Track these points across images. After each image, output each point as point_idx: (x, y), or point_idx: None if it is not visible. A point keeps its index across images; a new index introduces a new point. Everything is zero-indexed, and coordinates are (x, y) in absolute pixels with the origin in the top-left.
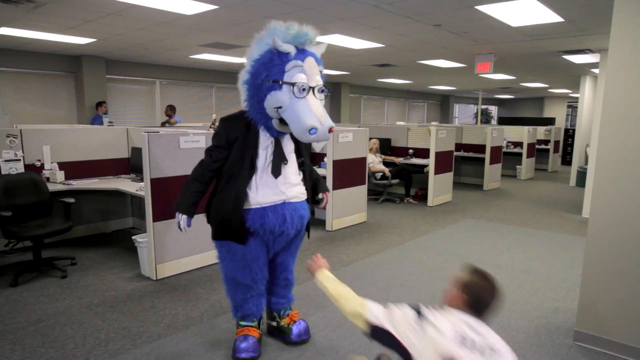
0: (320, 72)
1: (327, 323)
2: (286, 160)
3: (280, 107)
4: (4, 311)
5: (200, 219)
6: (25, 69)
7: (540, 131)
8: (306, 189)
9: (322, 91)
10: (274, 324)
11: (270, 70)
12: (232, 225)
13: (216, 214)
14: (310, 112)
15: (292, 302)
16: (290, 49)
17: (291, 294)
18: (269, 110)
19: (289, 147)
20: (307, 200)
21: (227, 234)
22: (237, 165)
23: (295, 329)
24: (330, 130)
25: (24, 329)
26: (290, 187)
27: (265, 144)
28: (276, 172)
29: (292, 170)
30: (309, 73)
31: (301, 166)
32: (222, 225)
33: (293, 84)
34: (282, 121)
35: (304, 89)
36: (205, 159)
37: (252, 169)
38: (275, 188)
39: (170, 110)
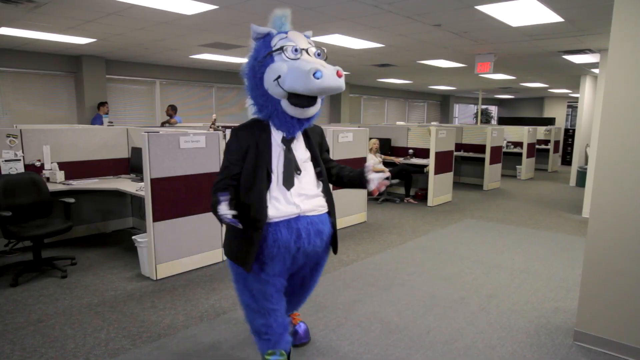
0: (309, 43)
1: (327, 323)
2: (299, 170)
3: (279, 77)
4: (4, 311)
5: (201, 219)
6: (25, 69)
7: (540, 131)
8: (328, 202)
9: (319, 54)
10: None
11: (259, 54)
12: (249, 239)
13: (233, 230)
14: (307, 63)
15: (293, 311)
16: (271, 29)
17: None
18: (271, 90)
19: (303, 156)
20: (329, 213)
21: (238, 252)
22: (252, 178)
23: (295, 333)
24: (338, 74)
25: (24, 329)
26: (305, 199)
27: (276, 151)
28: (288, 183)
29: (308, 180)
30: (295, 39)
31: (320, 176)
32: (238, 241)
33: (282, 48)
34: (290, 101)
35: (295, 50)
36: (218, 178)
37: (268, 180)
38: (287, 201)
39: (172, 110)
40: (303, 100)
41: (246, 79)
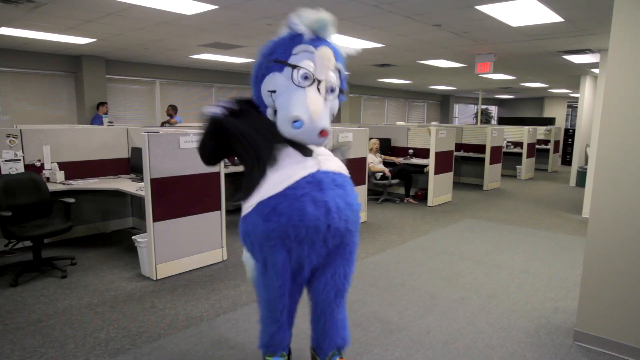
0: (339, 70)
1: None
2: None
3: (275, 92)
4: (4, 311)
5: (201, 219)
6: (25, 69)
7: (540, 131)
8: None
9: (332, 90)
10: None
11: (277, 49)
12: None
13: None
14: (302, 103)
15: (344, 345)
16: (305, 31)
17: (344, 333)
18: (263, 95)
19: None
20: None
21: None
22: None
23: None
24: (322, 134)
25: (24, 329)
26: (324, 160)
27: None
28: (305, 151)
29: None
30: (318, 63)
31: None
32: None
33: (294, 67)
34: (276, 115)
35: (306, 77)
36: None
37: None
38: (301, 160)
39: (172, 110)
40: None
41: (256, 61)
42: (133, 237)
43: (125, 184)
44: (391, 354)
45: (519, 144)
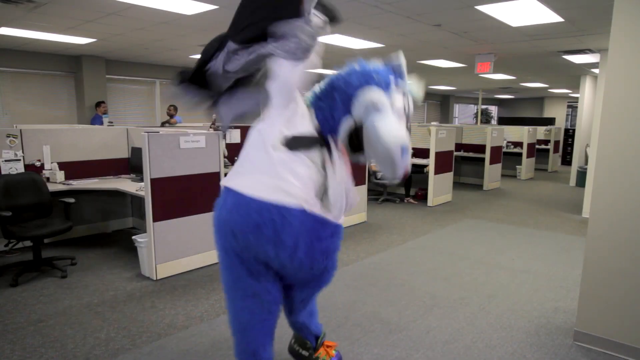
0: None
1: (327, 323)
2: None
3: (377, 109)
4: (4, 311)
5: (201, 219)
6: (25, 69)
7: (540, 131)
8: None
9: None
10: (305, 353)
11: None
12: None
13: None
14: (403, 131)
15: (321, 331)
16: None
17: (316, 321)
18: (361, 106)
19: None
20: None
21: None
22: None
23: None
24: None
25: (24, 329)
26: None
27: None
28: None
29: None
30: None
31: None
32: None
33: (404, 95)
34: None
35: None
36: None
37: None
38: (273, 175)
39: (173, 109)
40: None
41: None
42: (133, 237)
43: (125, 184)
44: (391, 354)
45: (519, 144)
